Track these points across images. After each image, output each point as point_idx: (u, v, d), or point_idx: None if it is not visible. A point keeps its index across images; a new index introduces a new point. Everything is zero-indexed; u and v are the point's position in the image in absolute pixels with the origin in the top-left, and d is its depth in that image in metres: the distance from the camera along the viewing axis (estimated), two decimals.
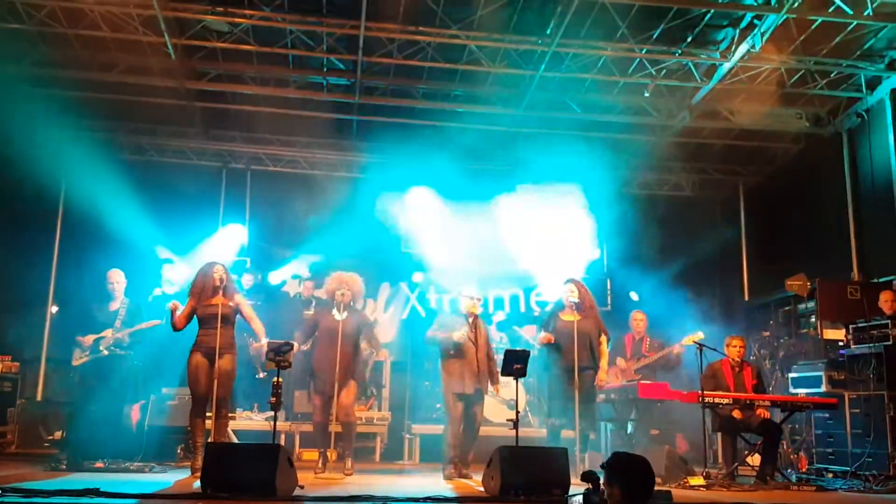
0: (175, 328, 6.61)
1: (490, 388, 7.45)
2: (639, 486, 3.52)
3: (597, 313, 7.43)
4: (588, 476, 3.95)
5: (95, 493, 4.83)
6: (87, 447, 6.96)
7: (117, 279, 7.51)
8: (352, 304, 7.20)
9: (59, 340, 10.21)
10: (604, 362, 7.33)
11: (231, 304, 6.65)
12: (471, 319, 7.24)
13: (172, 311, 6.50)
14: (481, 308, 7.45)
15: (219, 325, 6.44)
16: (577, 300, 7.24)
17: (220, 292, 6.57)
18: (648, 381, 7.75)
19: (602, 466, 3.70)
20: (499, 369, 6.94)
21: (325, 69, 9.90)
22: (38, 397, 10.09)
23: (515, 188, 11.51)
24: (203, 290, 6.63)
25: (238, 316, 6.76)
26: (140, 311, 7.62)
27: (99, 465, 6.75)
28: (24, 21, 8.54)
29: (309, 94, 10.20)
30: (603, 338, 7.35)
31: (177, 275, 9.53)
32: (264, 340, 6.55)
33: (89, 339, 7.31)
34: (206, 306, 6.59)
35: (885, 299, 7.82)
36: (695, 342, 7.53)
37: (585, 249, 9.43)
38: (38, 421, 8.89)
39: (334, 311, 7.08)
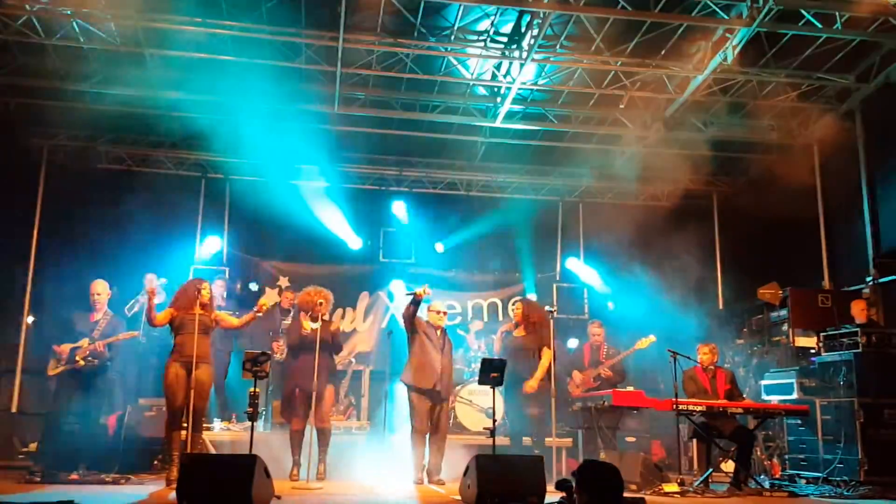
0: (151, 322, 6.74)
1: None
2: (606, 494, 3.59)
3: (542, 329, 7.78)
4: (562, 484, 4.01)
5: None
6: (62, 459, 6.90)
7: (101, 290, 7.44)
8: (324, 315, 7.50)
9: (34, 351, 10.13)
10: (538, 373, 7.67)
11: (211, 316, 6.84)
12: (438, 332, 7.53)
13: (150, 294, 6.63)
14: (448, 321, 7.76)
15: (196, 332, 6.53)
16: (519, 319, 7.92)
17: (203, 307, 6.71)
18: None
19: (572, 475, 3.76)
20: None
21: (303, 80, 9.94)
22: (13, 408, 9.98)
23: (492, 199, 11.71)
24: (186, 300, 6.73)
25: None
26: (122, 324, 7.57)
27: (74, 476, 6.70)
28: None
29: (288, 105, 10.22)
30: (544, 350, 7.72)
31: (157, 285, 9.46)
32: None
33: (65, 348, 7.21)
34: (186, 314, 6.69)
35: (858, 308, 7.97)
36: (647, 345, 8.09)
37: None
38: (13, 432, 8.80)
39: (310, 322, 7.35)
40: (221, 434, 8.58)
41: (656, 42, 8.90)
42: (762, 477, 7.98)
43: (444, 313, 7.69)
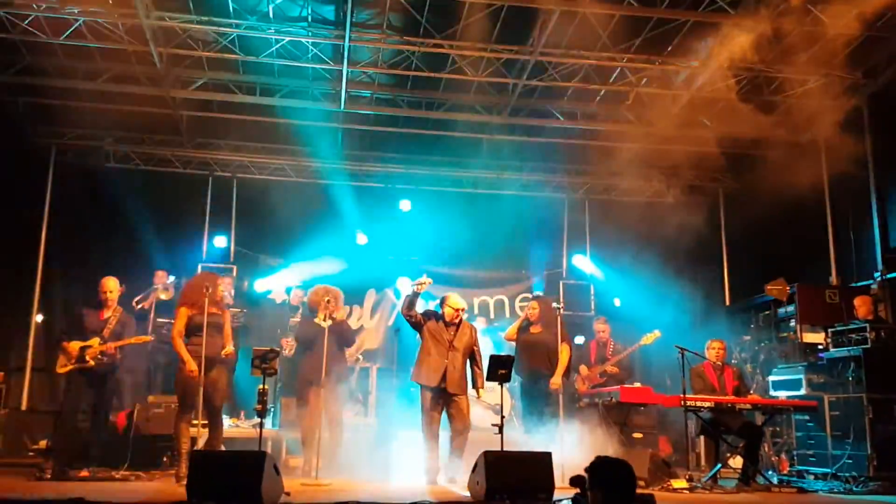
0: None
1: (471, 390, 7.49)
2: (619, 490, 3.59)
3: (558, 326, 7.64)
4: (577, 480, 4.00)
5: (80, 502, 4.82)
6: (72, 456, 6.91)
7: (112, 288, 7.42)
8: (334, 314, 7.49)
9: (44, 349, 10.18)
10: (559, 369, 7.61)
11: (224, 316, 6.87)
12: (451, 328, 7.33)
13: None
14: (465, 314, 7.54)
15: (205, 335, 6.50)
16: (535, 318, 7.93)
17: (215, 305, 6.66)
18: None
19: (586, 471, 3.76)
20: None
21: (310, 78, 9.96)
22: (23, 406, 10.02)
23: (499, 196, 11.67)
24: (199, 299, 6.59)
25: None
26: (132, 321, 7.56)
27: (84, 473, 6.73)
28: (7, 30, 8.54)
29: (294, 103, 10.24)
30: (563, 346, 7.62)
31: (167, 283, 9.49)
32: (230, 347, 6.84)
33: (75, 345, 7.14)
34: (198, 315, 6.60)
35: (859, 304, 7.97)
36: (652, 341, 8.13)
37: None
38: (23, 430, 8.83)
39: (319, 321, 7.34)
40: (230, 431, 8.61)
41: (662, 38, 8.88)
42: (770, 473, 7.98)
43: (462, 310, 7.40)
